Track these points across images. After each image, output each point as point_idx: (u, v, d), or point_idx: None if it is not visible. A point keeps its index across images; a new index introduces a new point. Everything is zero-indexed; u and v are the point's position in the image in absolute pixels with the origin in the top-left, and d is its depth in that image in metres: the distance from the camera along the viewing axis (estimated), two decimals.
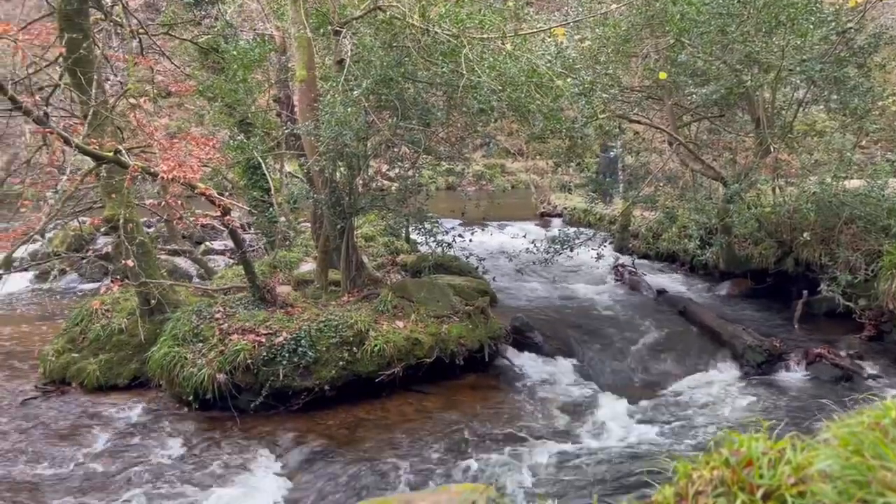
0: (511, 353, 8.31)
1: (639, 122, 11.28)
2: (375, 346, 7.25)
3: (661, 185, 11.42)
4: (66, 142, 5.14)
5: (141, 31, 8.01)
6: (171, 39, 10.48)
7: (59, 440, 6.42)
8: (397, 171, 8.98)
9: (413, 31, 7.45)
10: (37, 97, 5.80)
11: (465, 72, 6.90)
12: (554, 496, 5.09)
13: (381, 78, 7.44)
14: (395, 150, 8.34)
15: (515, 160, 22.84)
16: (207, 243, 14.47)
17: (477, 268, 9.91)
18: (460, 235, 8.92)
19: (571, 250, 9.51)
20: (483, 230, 10.30)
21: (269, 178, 9.81)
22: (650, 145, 13.65)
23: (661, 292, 10.69)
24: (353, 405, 7.04)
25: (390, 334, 7.44)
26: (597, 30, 9.81)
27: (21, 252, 10.75)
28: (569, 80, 7.74)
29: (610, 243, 12.17)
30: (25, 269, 11.67)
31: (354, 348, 7.21)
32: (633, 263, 12.17)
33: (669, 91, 10.47)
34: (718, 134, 11.95)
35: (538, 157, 21.47)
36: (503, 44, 7.49)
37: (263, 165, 9.56)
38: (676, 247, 12.61)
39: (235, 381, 6.78)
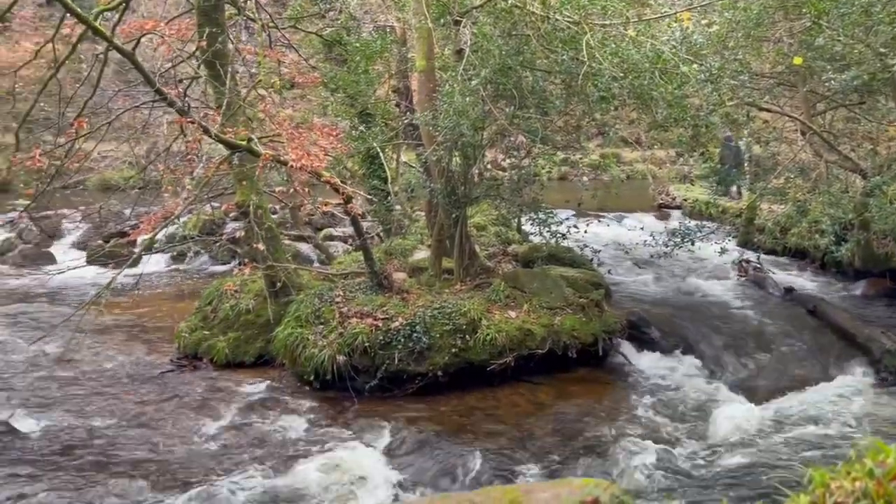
0: (626, 348, 8.11)
1: (769, 111, 10.69)
2: (488, 334, 7.28)
3: (792, 176, 10.77)
4: (206, 131, 5.47)
5: (270, 24, 8.37)
6: (297, 32, 10.88)
7: (191, 411, 6.86)
8: (512, 160, 8.94)
9: (533, 19, 7.38)
10: (179, 89, 6.18)
11: (585, 59, 6.76)
12: (679, 497, 4.94)
13: (499, 67, 7.42)
14: (511, 139, 8.30)
15: (636, 150, 22.18)
16: (328, 230, 15.01)
17: (591, 260, 9.73)
18: (575, 226, 8.78)
19: (693, 244, 9.14)
20: (599, 221, 10.09)
21: (386, 167, 10.04)
22: (780, 135, 12.89)
23: (788, 290, 10.10)
24: (465, 392, 7.11)
25: (502, 324, 7.45)
26: (726, 13, 9.33)
27: (159, 234, 11.53)
28: (695, 66, 7.42)
29: (733, 237, 11.61)
30: (163, 251, 12.52)
31: (467, 336, 7.27)
32: (758, 259, 11.54)
33: (804, 77, 9.83)
34: (857, 123, 11.13)
35: (657, 146, 20.75)
36: (626, 29, 7.29)
37: (382, 155, 9.79)
38: (806, 242, 11.87)
39: (353, 363, 7.01)
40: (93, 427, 6.39)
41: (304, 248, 13.52)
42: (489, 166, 9.75)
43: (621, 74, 7.04)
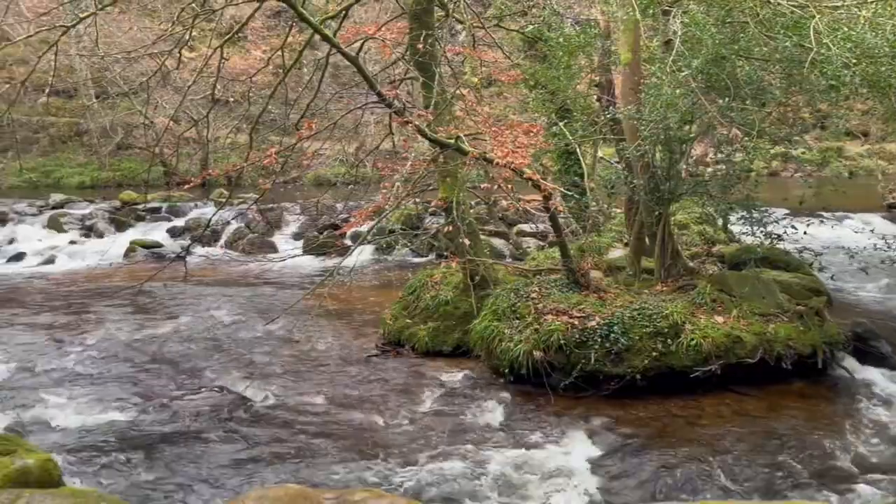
0: (850, 362, 7.35)
1: None
2: (692, 339, 6.93)
3: None
4: (419, 131, 5.75)
5: (476, 24, 8.59)
6: (498, 31, 11.07)
7: (395, 394, 7.25)
8: (722, 155, 8.43)
9: (752, 5, 6.90)
10: (397, 91, 6.54)
11: (812, 45, 6.20)
12: None
13: (712, 57, 7.03)
14: (724, 132, 7.83)
15: (863, 143, 19.98)
16: (520, 226, 15.15)
17: (811, 264, 8.92)
18: (792, 227, 8.09)
19: None
20: (820, 222, 9.20)
21: (582, 163, 9.91)
22: None
23: None
24: (665, 398, 6.84)
25: (708, 329, 7.06)
26: None
27: (365, 226, 12.31)
28: None
29: None
30: (370, 243, 13.33)
31: (669, 340, 6.98)
32: None
33: None
34: None
35: (889, 138, 18.50)
36: (860, 11, 6.59)
37: (578, 151, 9.67)
38: None
39: (548, 359, 7.01)
40: (310, 402, 6.98)
41: (499, 243, 13.77)
42: (694, 161, 9.29)
43: (854, 61, 6.37)
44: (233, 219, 16.13)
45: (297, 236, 16.05)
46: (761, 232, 7.77)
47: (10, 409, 6.75)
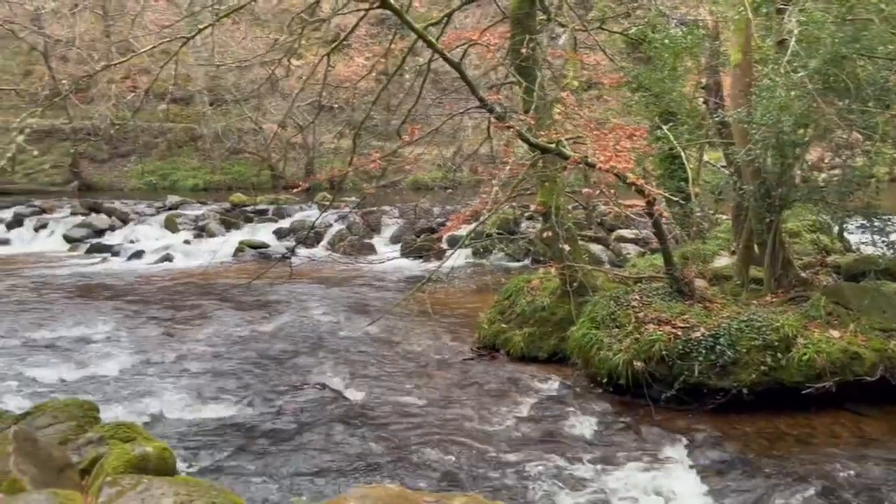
0: None
1: None
2: (804, 354, 6.57)
3: None
4: (520, 136, 5.73)
5: (579, 28, 8.49)
6: (600, 33, 10.89)
7: (490, 398, 7.25)
8: (840, 160, 7.95)
9: (876, 0, 6.48)
10: (498, 96, 6.56)
11: None
12: None
13: (831, 57, 6.66)
14: (843, 136, 7.39)
15: None
16: (619, 231, 14.84)
17: None
18: None
19: None
20: None
21: (687, 167, 9.58)
22: None
23: None
24: (774, 415, 6.51)
25: (822, 343, 6.67)
26: None
27: (466, 231, 12.39)
28: None
29: None
30: (467, 247, 13.40)
31: (779, 353, 6.64)
32: None
33: None
34: None
35: None
36: None
37: (683, 155, 9.36)
38: None
39: (649, 370, 6.82)
40: (407, 403, 7.08)
41: (597, 249, 13.53)
42: (808, 167, 8.81)
43: None
44: (335, 221, 16.62)
45: (395, 239, 16.36)
46: (883, 242, 7.29)
47: (128, 399, 7.20)
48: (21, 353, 8.70)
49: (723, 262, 9.50)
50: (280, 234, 16.95)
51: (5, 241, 17.54)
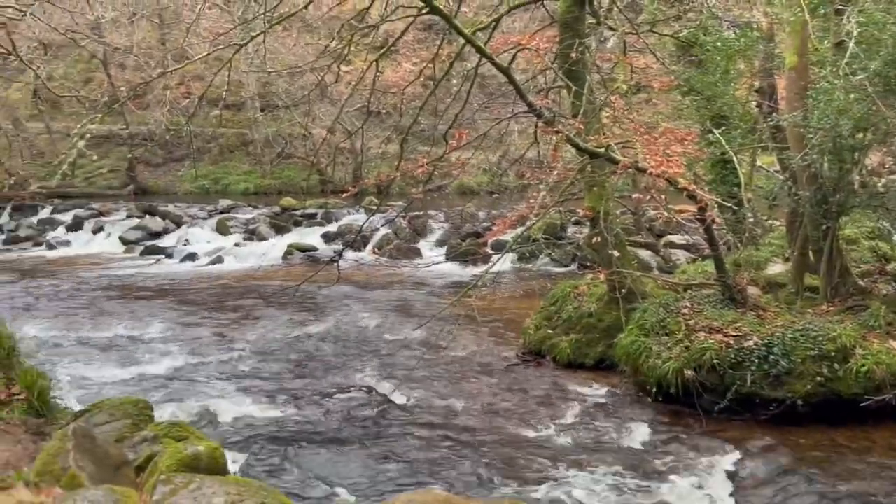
0: None
1: None
2: (863, 365, 6.36)
3: None
4: (569, 140, 5.69)
5: (629, 31, 8.39)
6: (649, 36, 10.72)
7: (536, 405, 7.20)
8: None
9: None
10: (548, 99, 6.53)
11: None
12: None
13: (892, 58, 6.44)
14: None
15: None
16: (668, 237, 14.59)
17: None
18: None
19: None
20: None
21: (739, 172, 9.37)
22: None
23: None
24: (830, 427, 6.32)
25: (882, 355, 6.45)
26: None
27: (510, 236, 12.34)
28: None
29: None
30: (513, 251, 13.35)
31: (835, 364, 6.45)
32: None
33: None
34: None
35: None
36: None
37: (735, 160, 9.16)
38: None
39: (700, 379, 6.69)
40: (452, 407, 7.08)
41: (645, 255, 13.33)
42: (867, 172, 8.53)
43: None
44: (381, 225, 16.75)
45: (440, 243, 16.39)
46: None
47: (179, 398, 7.37)
48: (79, 352, 9.00)
49: (776, 269, 9.26)
50: (328, 238, 17.15)
51: (65, 243, 18.19)
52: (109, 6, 23.41)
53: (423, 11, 5.89)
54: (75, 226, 19.00)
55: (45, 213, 20.16)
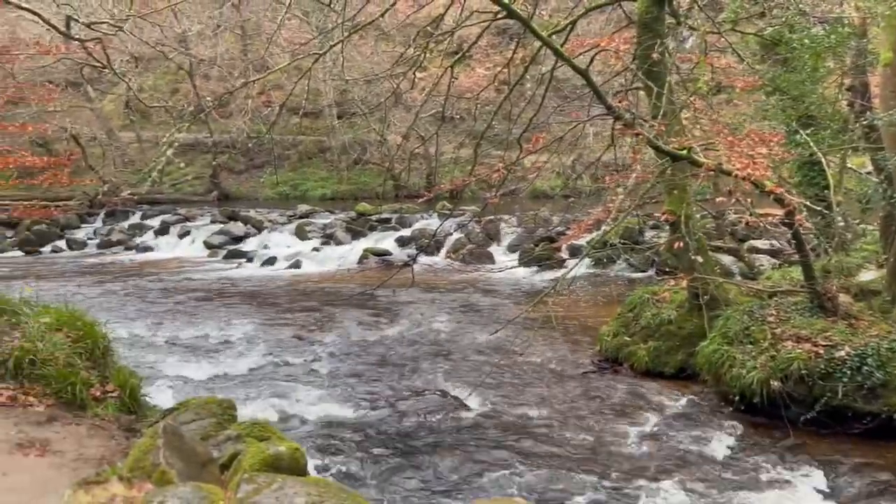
0: None
1: None
2: None
3: None
4: (649, 143, 5.57)
5: (710, 30, 8.14)
6: (731, 35, 10.36)
7: (612, 413, 7.06)
8: None
9: None
10: (627, 101, 6.41)
11: None
12: None
13: None
14: None
15: None
16: (751, 242, 14.08)
17: None
18: None
19: None
20: None
21: (828, 174, 8.96)
22: None
23: None
24: None
25: None
26: None
27: (583, 240, 12.17)
28: None
29: None
30: (590, 256, 13.17)
31: None
32: None
33: None
34: None
35: None
36: None
37: (824, 161, 8.75)
38: None
39: (786, 389, 6.42)
40: (527, 413, 7.03)
41: (727, 260, 12.89)
42: None
43: None
44: (454, 230, 16.81)
45: (513, 248, 16.32)
46: None
47: (261, 398, 7.57)
48: (166, 352, 9.38)
49: (869, 275, 8.79)
50: (402, 242, 17.33)
51: (153, 247, 19.04)
52: (195, 20, 24.42)
53: (500, 16, 5.88)
54: (162, 230, 19.86)
55: (135, 218, 21.18)
